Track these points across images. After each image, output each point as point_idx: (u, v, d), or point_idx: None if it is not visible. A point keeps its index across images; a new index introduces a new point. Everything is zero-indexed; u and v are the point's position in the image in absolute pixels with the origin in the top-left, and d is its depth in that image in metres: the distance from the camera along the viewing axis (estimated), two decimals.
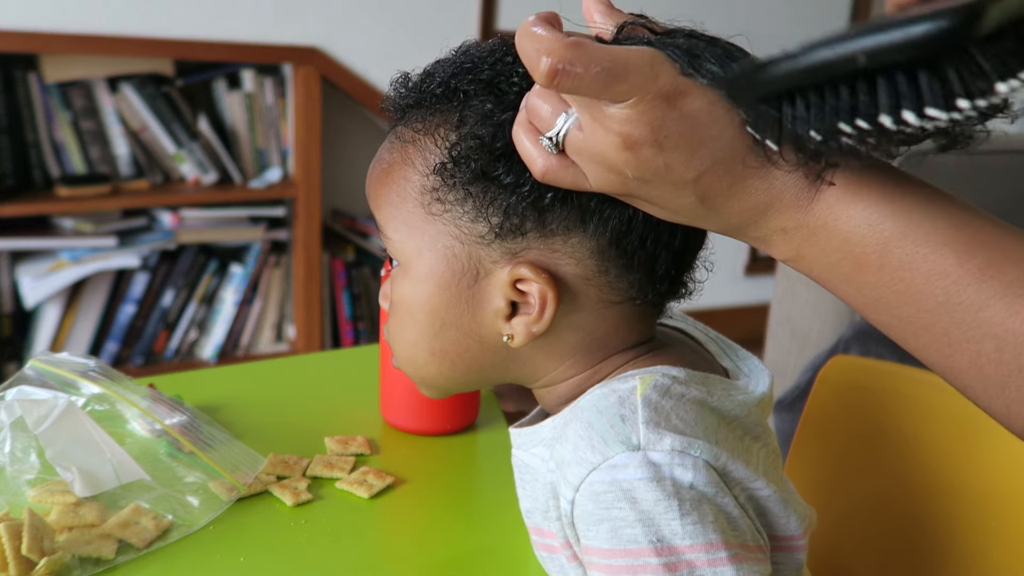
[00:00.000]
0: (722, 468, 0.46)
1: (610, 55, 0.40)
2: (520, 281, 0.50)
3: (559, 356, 0.53)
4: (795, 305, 1.70)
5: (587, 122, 0.42)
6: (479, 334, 0.52)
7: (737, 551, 0.45)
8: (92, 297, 2.03)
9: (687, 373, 0.50)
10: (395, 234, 0.52)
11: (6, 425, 0.63)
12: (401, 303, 0.54)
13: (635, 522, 0.44)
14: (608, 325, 0.52)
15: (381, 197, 0.53)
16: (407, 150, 0.52)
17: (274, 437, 0.74)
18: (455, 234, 0.50)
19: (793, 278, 1.71)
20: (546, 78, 0.40)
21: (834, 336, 1.60)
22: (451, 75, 0.50)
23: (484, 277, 0.51)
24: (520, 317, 0.50)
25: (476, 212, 0.49)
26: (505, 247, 0.49)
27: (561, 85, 0.40)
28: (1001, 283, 0.38)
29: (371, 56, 2.14)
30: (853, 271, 0.42)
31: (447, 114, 0.50)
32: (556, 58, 0.39)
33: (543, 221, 0.48)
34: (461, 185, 0.49)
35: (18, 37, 1.80)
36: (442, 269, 0.51)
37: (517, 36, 0.42)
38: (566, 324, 0.51)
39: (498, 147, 0.48)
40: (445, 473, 0.74)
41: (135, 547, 0.58)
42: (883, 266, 0.41)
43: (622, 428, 0.46)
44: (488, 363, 0.54)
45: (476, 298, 0.51)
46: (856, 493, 0.82)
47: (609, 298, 0.51)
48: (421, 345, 0.54)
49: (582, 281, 0.50)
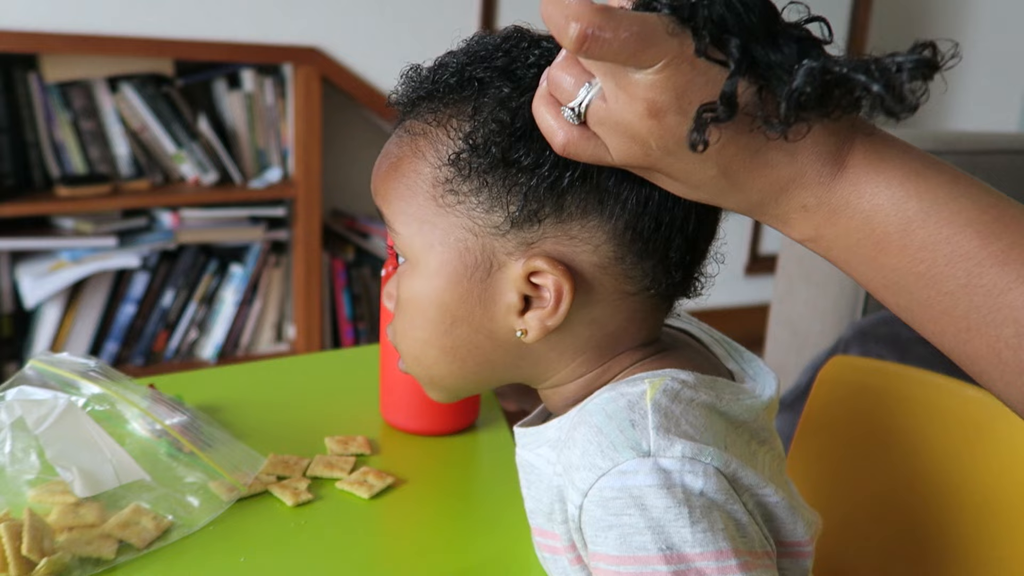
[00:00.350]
0: (732, 475, 0.46)
1: (640, 19, 0.39)
2: (534, 274, 0.49)
3: (571, 353, 0.52)
4: (795, 305, 1.70)
5: (611, 90, 0.42)
6: (491, 330, 0.51)
7: (746, 558, 0.44)
8: (92, 297, 2.03)
9: (696, 377, 0.49)
10: (404, 229, 0.52)
11: (6, 425, 0.63)
12: (409, 300, 0.53)
13: (645, 529, 0.43)
14: (621, 318, 0.52)
15: (390, 192, 0.52)
16: (417, 143, 0.51)
17: (274, 437, 0.74)
18: (468, 226, 0.49)
19: (793, 278, 1.71)
20: (575, 43, 0.39)
21: (834, 336, 1.60)
22: (465, 64, 0.50)
23: (497, 270, 0.50)
24: (534, 311, 0.50)
25: (492, 201, 0.48)
26: (521, 236, 0.49)
27: (591, 51, 0.39)
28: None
29: (371, 56, 2.14)
30: (874, 251, 0.41)
31: (461, 104, 0.49)
32: (585, 23, 0.38)
33: (561, 205, 0.48)
34: (477, 174, 0.48)
35: (18, 37, 1.80)
36: (454, 263, 0.50)
37: (543, 3, 0.40)
38: (580, 318, 0.51)
39: (518, 128, 0.47)
40: (445, 473, 0.74)
41: (135, 547, 0.58)
42: (905, 247, 0.40)
43: (632, 433, 0.45)
44: (500, 360, 0.53)
45: (489, 292, 0.50)
46: (856, 493, 0.82)
47: (624, 288, 0.50)
48: (431, 343, 0.53)
49: (598, 270, 0.49)
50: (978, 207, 0.39)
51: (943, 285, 0.40)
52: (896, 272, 0.41)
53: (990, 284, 0.38)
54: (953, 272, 0.39)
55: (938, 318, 0.41)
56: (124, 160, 2.02)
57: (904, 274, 0.41)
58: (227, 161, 2.08)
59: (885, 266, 0.41)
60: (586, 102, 0.43)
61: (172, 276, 2.09)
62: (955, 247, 0.39)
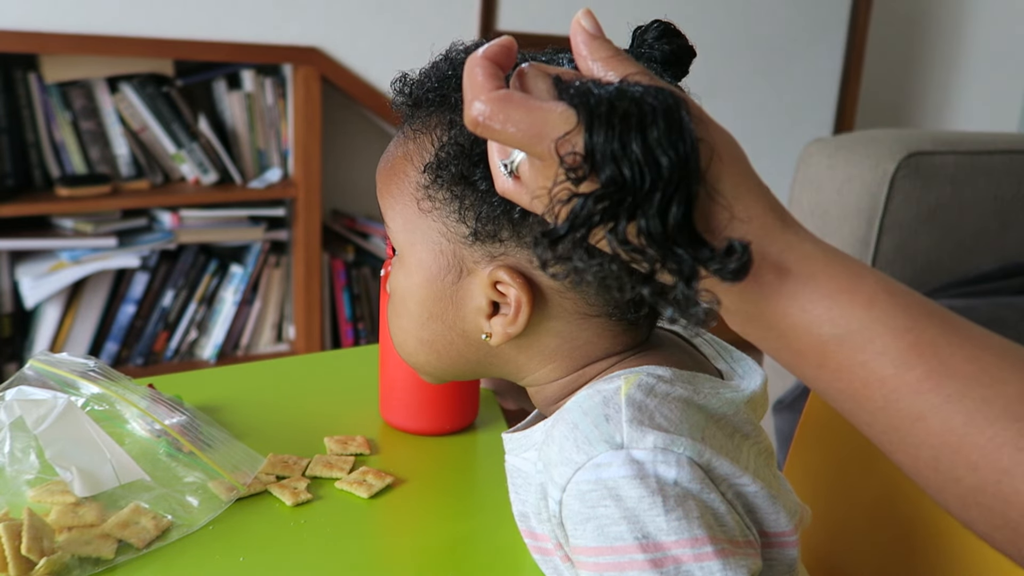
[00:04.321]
0: (707, 464, 0.46)
1: (529, 116, 0.40)
2: (499, 283, 0.51)
3: (540, 358, 0.54)
4: None
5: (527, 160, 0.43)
6: (463, 329, 0.54)
7: (724, 546, 0.45)
8: (92, 297, 2.03)
9: (673, 372, 0.50)
10: (393, 224, 0.55)
11: (6, 425, 0.63)
12: (395, 291, 0.56)
13: (620, 519, 0.44)
14: (589, 335, 0.53)
15: (384, 189, 0.55)
16: (408, 147, 0.54)
17: (274, 437, 0.74)
18: (443, 231, 0.52)
19: None
20: (470, 124, 0.42)
21: None
22: (443, 79, 0.52)
23: (467, 275, 0.52)
24: (499, 317, 0.52)
25: (460, 213, 0.51)
26: (485, 249, 0.51)
27: (484, 134, 0.41)
28: (939, 397, 0.38)
29: (371, 56, 2.14)
30: (794, 361, 0.42)
31: (442, 115, 0.52)
32: (479, 109, 0.41)
33: (518, 231, 0.50)
34: (447, 186, 0.51)
35: (18, 37, 1.80)
36: (430, 263, 0.53)
37: (466, 64, 0.43)
38: (544, 329, 0.52)
39: (476, 153, 0.49)
40: (444, 473, 0.74)
41: (134, 547, 0.58)
42: (822, 365, 0.40)
43: (606, 427, 0.46)
44: (472, 357, 0.55)
45: (460, 294, 0.53)
46: (856, 493, 0.82)
47: (585, 311, 0.52)
48: (411, 333, 0.56)
49: (556, 293, 0.51)
50: (893, 333, 0.39)
51: (863, 404, 0.40)
52: (818, 383, 0.41)
53: (906, 410, 0.39)
54: (870, 395, 0.39)
55: (864, 429, 0.41)
56: (124, 160, 2.02)
57: (826, 387, 0.41)
58: (227, 161, 2.08)
59: (807, 376, 0.42)
60: (516, 162, 0.44)
61: (172, 276, 2.09)
62: (870, 373, 0.39)
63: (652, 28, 0.49)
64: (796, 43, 2.70)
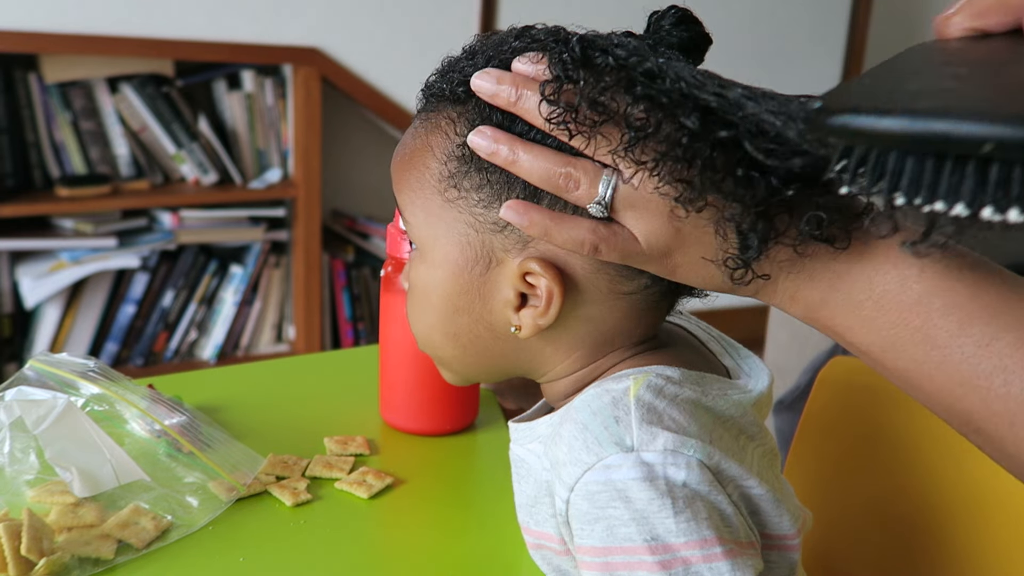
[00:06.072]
0: (715, 466, 0.46)
1: None
2: (529, 274, 0.50)
3: (567, 348, 0.53)
4: None
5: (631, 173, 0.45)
6: (490, 322, 0.53)
7: (732, 547, 0.45)
8: (92, 297, 2.03)
9: (682, 373, 0.50)
10: (413, 218, 0.53)
11: (5, 425, 0.63)
12: (417, 286, 0.55)
13: (629, 521, 0.44)
14: (619, 316, 0.52)
15: (402, 182, 0.54)
16: (429, 137, 0.52)
17: (273, 437, 0.74)
18: (469, 221, 0.51)
19: None
20: None
21: None
22: (479, 64, 0.50)
23: (496, 266, 0.51)
24: (528, 309, 0.51)
25: (491, 198, 0.50)
26: (517, 235, 0.50)
27: None
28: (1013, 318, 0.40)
29: (371, 56, 2.14)
30: (874, 311, 0.43)
31: (468, 104, 0.50)
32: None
33: (553, 207, 0.49)
34: (478, 170, 0.50)
35: (18, 37, 1.80)
36: (456, 256, 0.51)
37: None
38: (575, 316, 0.51)
39: (516, 132, 0.48)
40: (444, 473, 0.74)
41: (134, 547, 0.58)
42: (902, 301, 0.42)
43: (616, 429, 0.46)
44: (499, 351, 0.54)
45: (487, 287, 0.52)
46: (855, 494, 0.82)
47: (620, 288, 0.51)
48: (436, 327, 0.55)
49: (592, 271, 0.50)
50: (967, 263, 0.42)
51: (936, 338, 0.42)
52: (894, 329, 0.43)
53: (978, 334, 0.41)
54: (946, 324, 0.41)
55: (933, 374, 0.42)
56: (124, 160, 2.02)
57: (901, 329, 0.43)
58: (227, 161, 2.08)
59: (884, 325, 0.43)
60: (610, 192, 0.46)
61: (172, 276, 2.09)
62: (946, 300, 0.41)
63: (668, 14, 0.49)
64: (796, 43, 2.70)
